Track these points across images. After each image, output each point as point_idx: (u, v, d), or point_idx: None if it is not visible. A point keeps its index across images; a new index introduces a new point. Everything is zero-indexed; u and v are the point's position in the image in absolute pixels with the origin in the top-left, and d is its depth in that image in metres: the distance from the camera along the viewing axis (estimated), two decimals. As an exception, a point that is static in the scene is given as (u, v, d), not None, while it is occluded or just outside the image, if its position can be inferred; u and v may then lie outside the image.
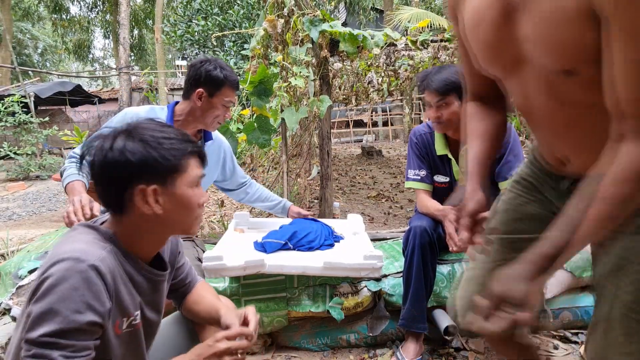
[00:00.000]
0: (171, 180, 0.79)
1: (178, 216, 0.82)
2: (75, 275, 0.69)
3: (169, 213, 0.80)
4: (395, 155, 8.48)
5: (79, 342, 0.68)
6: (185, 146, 0.81)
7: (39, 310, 0.67)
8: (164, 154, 0.77)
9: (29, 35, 20.87)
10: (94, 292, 0.70)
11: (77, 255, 0.70)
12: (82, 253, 0.71)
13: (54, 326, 0.66)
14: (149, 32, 20.07)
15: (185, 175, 0.80)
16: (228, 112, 1.62)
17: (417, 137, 1.73)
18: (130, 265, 0.82)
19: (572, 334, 1.69)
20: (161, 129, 0.80)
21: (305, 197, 3.77)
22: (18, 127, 7.69)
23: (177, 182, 0.80)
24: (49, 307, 0.67)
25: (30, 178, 7.63)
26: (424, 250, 1.49)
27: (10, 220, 4.80)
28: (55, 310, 0.67)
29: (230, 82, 1.56)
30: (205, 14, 10.86)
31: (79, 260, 0.70)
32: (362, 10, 13.20)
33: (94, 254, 0.73)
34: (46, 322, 0.66)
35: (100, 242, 0.78)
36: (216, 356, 0.78)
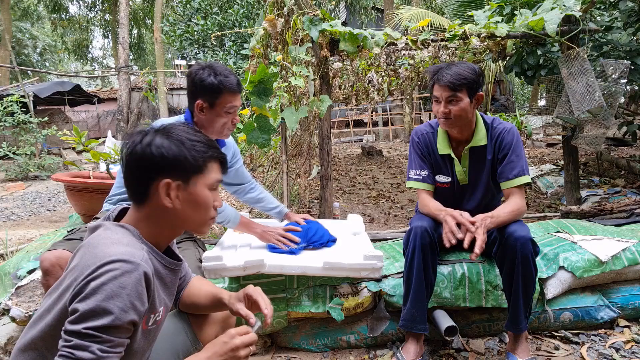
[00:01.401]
0: (194, 179, 0.86)
1: (193, 214, 0.88)
2: (125, 275, 0.73)
3: (185, 209, 0.86)
4: (396, 155, 8.47)
5: (118, 339, 0.72)
6: (211, 151, 0.88)
7: (87, 307, 0.70)
8: (194, 154, 0.85)
9: (28, 35, 20.83)
10: (139, 292, 0.74)
11: (125, 258, 0.75)
12: (129, 255, 0.75)
13: (101, 322, 0.70)
14: (148, 31, 20.05)
15: (206, 177, 0.88)
16: (235, 117, 1.56)
17: (419, 137, 1.71)
18: (157, 260, 0.88)
19: (572, 335, 1.68)
20: (194, 133, 0.88)
21: (305, 197, 3.77)
22: (17, 127, 7.68)
23: (199, 182, 0.87)
24: (97, 304, 0.70)
25: (29, 178, 7.61)
26: (424, 251, 1.48)
27: (9, 220, 4.79)
28: (104, 308, 0.70)
29: (228, 87, 1.48)
30: (204, 14, 10.85)
31: (128, 262, 0.74)
32: (363, 9, 13.18)
33: (139, 255, 0.78)
34: (93, 317, 0.70)
35: (137, 242, 0.83)
36: (232, 352, 0.82)
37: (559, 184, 4.28)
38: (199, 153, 0.86)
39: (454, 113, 1.53)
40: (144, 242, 0.85)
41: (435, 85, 1.56)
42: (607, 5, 3.62)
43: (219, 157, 0.90)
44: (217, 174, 0.90)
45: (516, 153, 1.56)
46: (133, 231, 0.85)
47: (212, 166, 0.89)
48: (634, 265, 1.73)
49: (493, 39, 2.79)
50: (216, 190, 0.92)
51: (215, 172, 0.89)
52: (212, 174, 0.89)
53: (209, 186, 0.88)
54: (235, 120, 1.56)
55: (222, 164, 0.92)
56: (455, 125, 1.57)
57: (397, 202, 4.60)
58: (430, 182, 1.67)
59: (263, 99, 2.33)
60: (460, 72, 1.50)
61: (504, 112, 12.58)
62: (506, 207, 1.49)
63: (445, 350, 1.61)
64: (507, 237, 1.43)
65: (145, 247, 0.84)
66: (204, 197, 0.88)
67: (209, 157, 0.88)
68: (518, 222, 1.47)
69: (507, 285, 1.47)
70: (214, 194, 0.91)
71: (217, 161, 0.90)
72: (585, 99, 2.52)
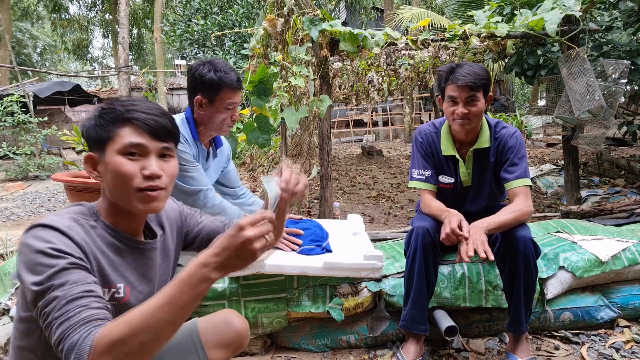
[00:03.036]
0: (108, 148, 0.81)
1: (114, 185, 0.82)
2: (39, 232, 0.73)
3: (108, 182, 0.82)
4: (396, 155, 8.47)
5: (71, 277, 0.69)
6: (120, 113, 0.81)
7: (24, 278, 0.70)
8: (101, 122, 0.81)
9: (28, 35, 20.84)
10: (60, 240, 0.73)
11: (41, 222, 0.74)
12: (48, 221, 0.75)
13: (38, 277, 0.69)
14: (148, 31, 20.05)
15: (116, 142, 0.80)
16: (235, 114, 1.55)
17: (423, 137, 1.68)
18: (112, 235, 0.84)
19: (573, 335, 1.68)
20: (108, 102, 0.83)
21: (305, 197, 3.76)
22: (17, 127, 7.68)
23: (110, 150, 0.81)
24: (26, 264, 0.70)
25: (29, 178, 7.61)
26: (426, 251, 1.47)
27: (9, 220, 4.79)
28: (33, 263, 0.69)
29: (228, 83, 1.47)
30: (204, 13, 10.85)
31: (41, 225, 0.74)
32: (363, 9, 13.19)
33: (61, 222, 0.76)
34: (32, 275, 0.69)
35: (77, 215, 0.81)
36: (244, 246, 0.68)
37: (559, 184, 4.28)
38: (106, 119, 0.81)
39: (472, 113, 1.50)
40: (96, 217, 0.84)
41: (451, 85, 1.51)
42: (607, 5, 3.62)
43: (128, 118, 0.81)
44: (132, 136, 0.80)
45: (519, 156, 1.54)
46: (88, 207, 0.85)
47: (123, 130, 0.81)
48: (634, 265, 1.73)
49: (493, 39, 2.79)
50: (143, 156, 0.82)
51: (128, 134, 0.80)
52: (123, 138, 0.80)
53: (121, 151, 0.80)
54: (234, 117, 1.55)
55: (138, 123, 0.81)
56: (471, 126, 1.54)
57: (397, 202, 4.60)
58: (434, 182, 1.66)
59: (263, 99, 2.33)
60: (477, 72, 1.47)
61: (504, 112, 12.58)
62: (507, 210, 1.47)
63: (445, 350, 1.61)
64: (508, 237, 1.42)
65: (94, 222, 0.82)
66: (116, 164, 0.79)
67: (115, 121, 0.81)
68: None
69: (508, 286, 1.47)
70: (142, 160, 0.81)
71: (128, 123, 0.81)
72: (586, 99, 2.52)
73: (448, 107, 1.55)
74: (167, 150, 0.85)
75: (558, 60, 2.81)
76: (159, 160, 0.84)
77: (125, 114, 0.81)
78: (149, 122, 0.82)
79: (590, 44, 3.02)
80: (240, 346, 1.06)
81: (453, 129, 1.60)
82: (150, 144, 0.82)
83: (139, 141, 0.81)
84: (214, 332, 1.03)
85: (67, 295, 0.67)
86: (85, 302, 0.67)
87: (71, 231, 0.75)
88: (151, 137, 0.82)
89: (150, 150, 0.82)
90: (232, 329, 1.04)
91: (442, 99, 1.59)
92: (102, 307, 0.69)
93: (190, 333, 1.03)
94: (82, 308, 0.66)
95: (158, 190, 0.82)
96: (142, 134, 0.81)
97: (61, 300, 0.66)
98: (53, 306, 0.66)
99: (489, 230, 1.40)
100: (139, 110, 0.82)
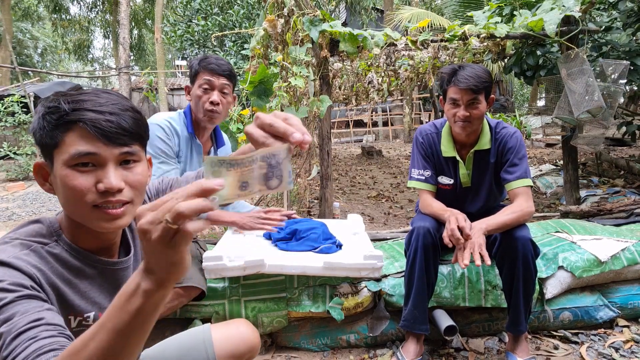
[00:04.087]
0: (54, 157, 0.66)
1: (65, 203, 0.68)
2: None
3: (60, 196, 0.69)
4: (396, 155, 8.47)
5: (18, 308, 0.58)
6: (59, 114, 0.64)
7: None
8: (39, 124, 0.66)
9: (28, 35, 20.87)
10: (5, 274, 0.61)
11: None
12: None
13: None
14: (148, 32, 20.07)
15: (62, 150, 0.65)
16: (213, 98, 1.54)
17: (423, 137, 1.69)
18: (76, 258, 0.72)
19: (572, 334, 1.68)
20: (55, 97, 0.66)
21: (305, 197, 3.77)
22: (18, 127, 7.68)
23: (56, 160, 0.66)
24: None
25: (30, 178, 7.62)
26: (426, 252, 1.47)
27: (10, 220, 4.80)
28: None
29: (205, 65, 1.54)
30: (205, 14, 10.86)
31: None
32: (363, 10, 13.20)
33: (7, 252, 0.64)
34: None
35: (32, 239, 0.69)
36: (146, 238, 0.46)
37: (558, 184, 4.28)
38: (49, 121, 0.65)
39: (474, 116, 1.50)
40: (57, 236, 0.72)
41: (453, 87, 1.51)
42: (606, 6, 3.63)
43: (77, 119, 0.64)
44: (80, 143, 0.64)
45: (519, 156, 1.55)
46: (47, 224, 0.72)
47: (69, 136, 0.64)
48: (633, 265, 1.73)
49: (492, 40, 2.80)
50: (98, 166, 0.66)
51: (75, 141, 0.64)
52: (70, 146, 0.64)
53: (68, 162, 0.64)
54: (213, 100, 1.54)
55: (93, 127, 0.64)
56: (472, 128, 1.55)
57: (397, 202, 4.60)
58: (433, 182, 1.67)
59: (263, 99, 2.34)
60: (479, 75, 1.47)
61: (503, 112, 12.58)
62: (507, 210, 1.47)
63: (444, 350, 1.62)
64: (507, 237, 1.43)
65: (55, 242, 0.71)
66: (64, 176, 0.65)
67: (59, 124, 0.64)
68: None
69: (507, 286, 1.47)
70: (97, 171, 0.66)
71: (76, 127, 0.64)
72: (585, 99, 2.52)
73: (450, 109, 1.55)
74: (130, 155, 0.69)
75: (557, 60, 2.82)
76: (120, 168, 0.68)
77: (70, 115, 0.64)
78: (100, 124, 0.64)
79: (589, 44, 3.03)
80: (251, 358, 1.07)
81: (454, 130, 1.60)
82: (104, 152, 0.65)
83: (89, 149, 0.64)
84: (227, 343, 1.01)
85: (12, 330, 0.56)
86: (33, 333, 0.56)
87: (19, 261, 0.63)
88: (105, 143, 0.65)
89: (106, 158, 0.66)
90: (245, 342, 1.03)
91: (443, 100, 1.59)
92: (55, 334, 0.58)
93: (204, 342, 1.01)
94: (30, 341, 0.56)
95: (122, 207, 0.68)
96: (93, 139, 0.64)
97: (7, 336, 0.56)
98: (0, 345, 0.56)
99: (489, 231, 1.40)
100: (87, 108, 0.64)
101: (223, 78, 1.56)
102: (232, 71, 1.60)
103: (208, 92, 1.55)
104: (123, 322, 0.49)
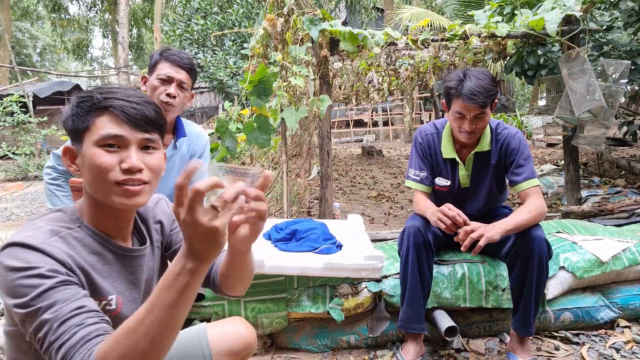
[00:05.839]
0: (85, 139, 0.75)
1: (91, 178, 0.75)
2: (16, 255, 0.66)
3: (86, 175, 0.76)
4: (396, 155, 8.47)
5: (59, 295, 0.65)
6: (92, 101, 0.75)
7: (8, 302, 0.65)
8: (77, 110, 0.76)
9: (27, 35, 20.84)
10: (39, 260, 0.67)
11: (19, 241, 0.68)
12: (25, 239, 0.68)
13: (21, 299, 0.64)
14: (147, 31, 20.05)
15: (93, 133, 0.75)
16: (169, 90, 1.49)
17: (423, 137, 1.68)
18: (99, 243, 0.79)
19: (573, 335, 1.68)
20: (90, 90, 0.78)
21: (305, 197, 3.76)
22: (16, 127, 7.67)
23: (86, 141, 0.75)
24: (6, 288, 0.65)
25: (29, 178, 7.61)
26: (418, 250, 1.47)
27: (9, 220, 4.79)
28: (13, 286, 0.64)
29: (166, 56, 1.49)
30: (204, 13, 10.84)
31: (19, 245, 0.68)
32: (363, 9, 13.19)
33: (40, 237, 0.70)
34: (17, 305, 0.64)
35: (58, 225, 0.75)
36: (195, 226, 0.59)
37: (560, 184, 4.27)
38: (83, 108, 0.75)
39: (480, 128, 1.50)
40: (80, 223, 0.78)
41: (459, 101, 1.46)
42: (607, 5, 3.62)
43: (109, 106, 0.74)
44: (109, 126, 0.74)
45: (523, 157, 1.54)
46: (69, 212, 0.79)
47: (100, 119, 0.74)
48: (634, 265, 1.72)
49: (493, 39, 2.79)
50: (122, 148, 0.75)
51: (105, 125, 0.74)
52: (100, 129, 0.74)
53: (98, 142, 0.74)
54: (170, 93, 1.49)
55: (117, 111, 0.75)
56: (477, 137, 1.56)
57: (397, 202, 4.60)
58: (428, 184, 1.67)
59: (263, 99, 2.33)
60: (486, 88, 1.43)
61: (504, 112, 12.58)
62: (523, 210, 1.44)
63: (445, 351, 1.61)
64: (523, 237, 1.41)
65: (78, 228, 0.77)
66: (92, 156, 0.73)
67: (92, 109, 0.74)
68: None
69: (518, 286, 1.45)
70: (121, 152, 0.75)
71: (107, 112, 0.75)
72: (586, 99, 2.51)
73: (455, 120, 1.53)
74: (150, 142, 0.78)
75: (558, 60, 2.81)
76: (141, 152, 0.77)
77: (102, 102, 0.75)
78: (128, 111, 0.75)
79: (590, 44, 3.02)
80: (248, 355, 1.06)
81: (457, 138, 1.60)
82: (129, 135, 0.75)
83: (117, 132, 0.74)
84: (223, 341, 1.01)
85: (58, 317, 0.63)
86: (79, 320, 0.63)
87: (50, 247, 0.69)
88: (131, 127, 0.75)
89: (130, 141, 0.75)
90: (241, 340, 1.03)
91: (446, 105, 1.57)
92: (98, 321, 0.65)
93: (200, 340, 1.01)
94: (77, 327, 0.63)
95: (140, 185, 0.76)
96: (121, 123, 0.75)
97: (53, 323, 0.62)
98: (46, 330, 0.63)
99: (507, 231, 1.37)
100: (118, 97, 0.76)
101: (183, 72, 1.51)
102: (193, 66, 1.55)
103: (165, 84, 1.50)
104: (173, 298, 0.60)
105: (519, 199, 1.57)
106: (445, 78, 1.58)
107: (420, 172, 1.66)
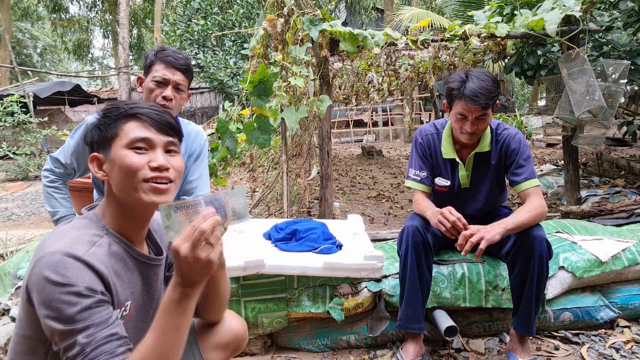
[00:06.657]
0: (114, 145, 0.82)
1: (122, 179, 0.81)
2: (59, 268, 0.70)
3: (116, 177, 0.82)
4: (396, 155, 8.47)
5: (94, 318, 0.70)
6: (122, 110, 0.83)
7: (41, 312, 0.70)
8: (105, 120, 0.84)
9: (28, 35, 20.85)
10: (82, 274, 0.71)
11: (62, 250, 0.71)
12: (68, 248, 0.72)
13: (58, 314, 0.68)
14: (148, 31, 20.06)
15: (122, 138, 0.82)
16: (166, 93, 1.46)
17: (423, 137, 1.68)
18: (123, 249, 0.84)
19: (572, 335, 1.68)
20: (114, 102, 0.87)
21: (305, 197, 3.76)
22: (17, 127, 7.68)
23: (116, 145, 0.82)
24: (44, 299, 0.69)
25: (29, 178, 7.61)
26: (417, 250, 1.47)
27: (9, 220, 4.79)
28: (52, 299, 0.68)
29: (162, 57, 1.45)
30: (204, 14, 10.85)
31: (63, 254, 0.71)
32: (363, 9, 13.19)
33: (81, 249, 0.74)
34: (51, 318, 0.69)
35: (92, 234, 0.79)
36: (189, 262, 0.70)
37: (559, 184, 4.28)
38: (110, 117, 0.83)
39: (481, 129, 1.50)
40: (106, 229, 0.82)
41: (461, 103, 1.46)
42: (607, 5, 3.62)
43: (131, 113, 0.83)
44: (138, 130, 0.82)
45: (524, 157, 1.54)
46: (94, 219, 0.83)
47: (128, 125, 0.83)
48: (634, 265, 1.73)
49: (493, 39, 2.79)
50: (150, 149, 0.83)
51: (134, 129, 0.82)
52: (129, 133, 0.82)
53: (128, 145, 0.81)
54: (166, 95, 1.46)
55: (143, 117, 0.83)
56: (478, 138, 1.56)
57: (397, 202, 4.60)
58: (428, 184, 1.67)
59: (263, 99, 2.33)
60: (488, 89, 1.43)
61: (504, 112, 12.58)
62: (523, 210, 1.44)
63: (445, 351, 1.61)
64: (524, 236, 1.41)
65: (105, 234, 0.81)
66: (122, 156, 0.80)
67: (120, 117, 0.83)
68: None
69: (519, 286, 1.45)
70: (149, 153, 0.82)
71: (132, 118, 0.83)
72: (586, 99, 2.52)
73: (456, 120, 1.53)
74: (172, 145, 0.86)
75: (558, 60, 2.81)
76: (165, 154, 0.85)
77: (129, 110, 0.83)
78: (153, 117, 0.84)
79: (590, 44, 3.02)
80: (239, 348, 1.05)
81: (458, 138, 1.60)
82: (156, 138, 0.83)
83: (145, 135, 0.82)
84: (210, 334, 1.01)
85: (92, 343, 0.68)
86: (110, 348, 0.70)
87: (93, 259, 0.73)
88: (157, 131, 0.84)
89: (157, 143, 0.83)
90: (229, 331, 1.02)
91: (448, 106, 1.57)
92: (125, 350, 0.71)
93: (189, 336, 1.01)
94: (108, 356, 0.69)
95: (167, 184, 0.83)
96: (148, 127, 0.83)
97: (86, 347, 0.68)
98: (78, 351, 0.68)
99: (508, 231, 1.38)
100: (142, 106, 0.85)
101: (179, 73, 1.48)
102: (189, 66, 1.52)
103: (161, 86, 1.46)
104: (177, 322, 0.71)
105: (519, 199, 1.57)
106: (447, 79, 1.57)
107: (420, 172, 1.66)
